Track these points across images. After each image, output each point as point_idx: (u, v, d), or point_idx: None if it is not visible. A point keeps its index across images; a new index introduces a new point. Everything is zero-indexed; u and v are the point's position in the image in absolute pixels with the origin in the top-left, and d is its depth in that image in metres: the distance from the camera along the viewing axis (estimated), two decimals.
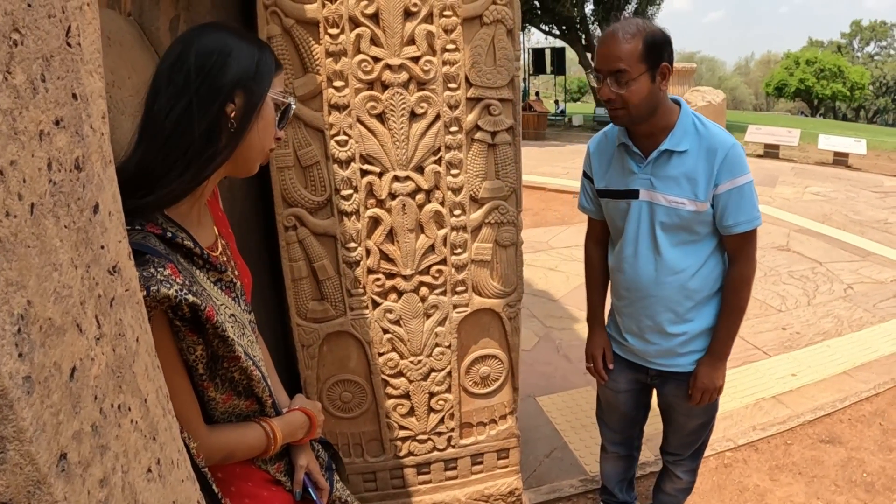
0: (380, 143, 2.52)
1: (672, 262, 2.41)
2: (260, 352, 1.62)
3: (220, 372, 1.40)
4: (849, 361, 5.42)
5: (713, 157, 2.27)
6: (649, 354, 2.59)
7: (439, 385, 2.88)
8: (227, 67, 1.32)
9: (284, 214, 2.56)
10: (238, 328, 1.45)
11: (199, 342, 1.32)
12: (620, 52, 2.15)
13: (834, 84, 52.01)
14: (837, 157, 17.86)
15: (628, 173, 2.41)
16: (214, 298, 1.38)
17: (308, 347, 2.73)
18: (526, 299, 6.45)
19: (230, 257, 1.58)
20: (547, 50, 32.83)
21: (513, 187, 2.71)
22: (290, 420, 1.65)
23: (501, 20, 2.53)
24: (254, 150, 1.42)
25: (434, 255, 2.69)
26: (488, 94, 2.58)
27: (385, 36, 2.43)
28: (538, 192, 12.53)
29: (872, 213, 11.30)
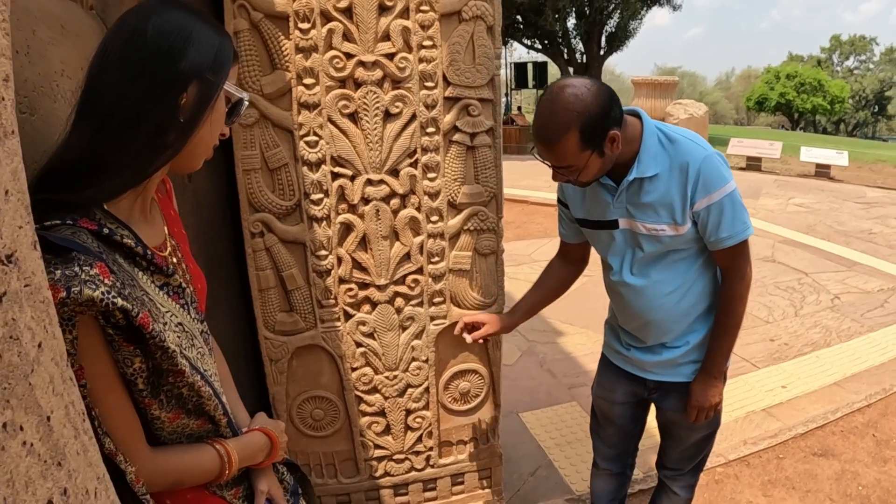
0: (352, 145, 2.40)
1: (662, 285, 2.29)
2: (214, 365, 1.46)
3: (166, 388, 1.25)
4: (839, 372, 5.36)
5: (685, 175, 2.11)
6: (649, 364, 2.46)
7: (416, 402, 2.75)
8: (186, 52, 1.18)
9: (251, 220, 2.42)
10: (186, 338, 1.30)
11: (137, 354, 1.17)
12: (558, 152, 2.02)
13: (814, 98, 52.67)
14: (819, 168, 18.02)
15: (604, 204, 2.27)
16: (158, 304, 1.24)
17: (277, 362, 2.59)
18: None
19: (181, 260, 1.43)
20: (529, 64, 32.93)
21: (493, 192, 2.59)
22: (249, 441, 1.51)
23: (481, 16, 2.42)
24: (201, 146, 1.29)
25: (410, 263, 2.57)
26: (467, 94, 2.46)
27: (358, 31, 2.32)
28: (520, 206, 12.48)
29: (856, 224, 11.34)
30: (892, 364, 5.53)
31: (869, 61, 75.31)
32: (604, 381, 2.67)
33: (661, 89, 19.74)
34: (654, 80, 18.57)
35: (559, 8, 26.59)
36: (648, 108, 18.57)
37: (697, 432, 2.55)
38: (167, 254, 1.35)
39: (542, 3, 26.12)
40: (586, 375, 5.10)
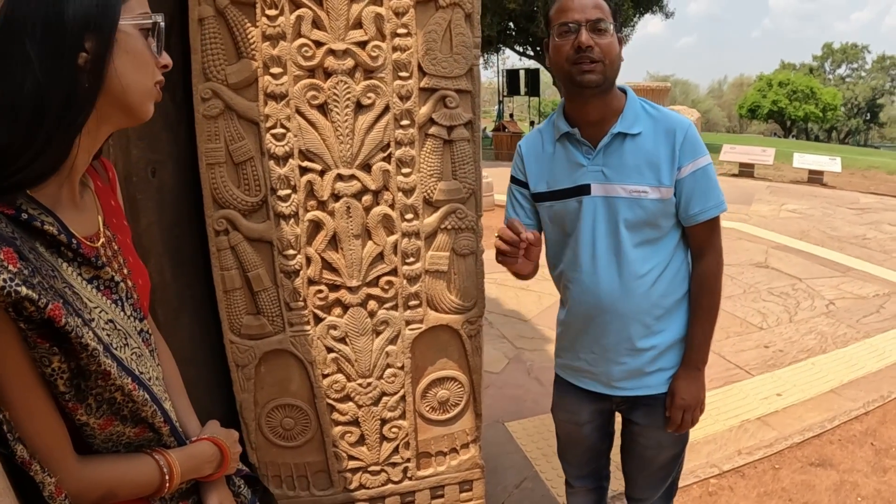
0: (321, 138, 2.30)
1: (637, 265, 2.16)
2: (157, 368, 1.37)
3: (94, 391, 1.15)
4: (835, 379, 5.29)
5: (672, 137, 2.09)
6: (614, 378, 2.30)
7: (392, 410, 2.63)
8: (62, 14, 1.07)
9: (215, 217, 2.32)
10: (118, 337, 1.21)
11: (55, 352, 1.07)
12: (598, 2, 1.99)
13: (806, 105, 53.31)
14: (812, 175, 18.16)
15: (575, 167, 2.15)
16: (85, 299, 1.15)
17: (243, 367, 2.47)
18: (496, 319, 6.36)
19: (117, 253, 1.33)
20: (521, 71, 33.22)
21: (472, 189, 2.49)
22: (194, 452, 1.40)
23: (459, 3, 2.33)
24: (133, 93, 1.18)
25: (383, 264, 2.46)
26: (444, 85, 2.36)
27: (329, 18, 2.23)
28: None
29: (850, 230, 11.41)
30: (889, 370, 5.46)
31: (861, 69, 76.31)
32: (566, 404, 2.51)
33: (652, 95, 19.81)
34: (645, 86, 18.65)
35: None
36: None
37: (666, 450, 2.43)
38: (99, 245, 1.26)
39: (534, 10, 26.33)
40: None
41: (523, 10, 26.39)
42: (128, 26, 1.15)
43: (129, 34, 1.16)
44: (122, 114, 1.20)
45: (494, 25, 26.99)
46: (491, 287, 7.08)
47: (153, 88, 1.23)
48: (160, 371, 1.39)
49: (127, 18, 1.16)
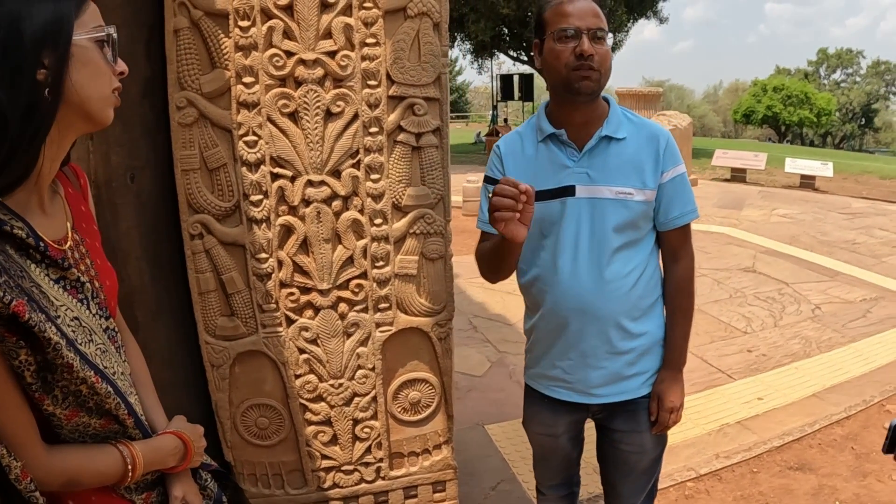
0: (292, 145, 2.36)
1: (619, 266, 2.18)
2: (123, 364, 1.44)
3: (60, 383, 1.22)
4: (818, 383, 5.30)
5: (655, 143, 2.15)
6: (592, 384, 2.27)
7: (364, 411, 2.68)
8: (20, 34, 1.14)
9: (190, 221, 2.38)
10: (83, 333, 1.28)
11: (22, 346, 1.14)
12: (596, 10, 2.02)
13: (801, 111, 53.35)
14: (804, 180, 18.16)
15: (559, 168, 2.15)
16: (52, 297, 1.22)
17: (218, 368, 2.53)
18: (481, 324, 6.39)
19: (85, 255, 1.40)
20: (515, 76, 33.20)
21: (440, 194, 2.54)
22: (158, 445, 1.46)
23: (427, 13, 2.39)
24: (91, 102, 1.26)
25: (353, 267, 2.51)
26: (412, 93, 2.42)
27: (299, 29, 2.30)
28: None
29: (840, 234, 11.40)
30: (874, 375, 5.47)
31: (856, 74, 76.16)
32: (541, 418, 2.46)
33: (645, 100, 19.81)
34: (638, 91, 18.59)
35: None
36: None
37: (649, 454, 2.42)
38: (67, 247, 1.33)
39: (528, 16, 26.35)
40: None
41: (517, 16, 26.40)
42: (82, 40, 1.22)
43: (84, 47, 1.22)
44: (83, 122, 1.27)
45: (488, 31, 27.00)
46: (478, 291, 7.19)
47: (111, 95, 1.30)
48: (126, 367, 1.45)
49: (81, 33, 1.22)
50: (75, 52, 1.21)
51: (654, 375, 2.31)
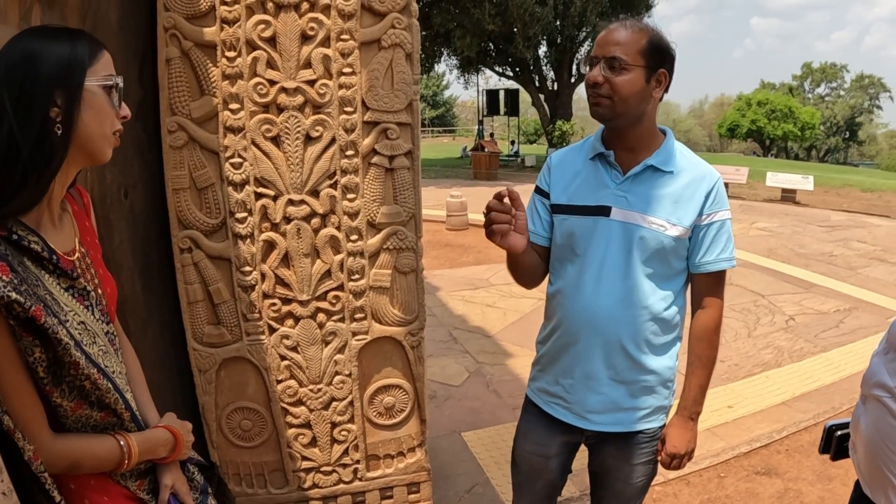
0: (274, 166, 2.51)
1: (639, 295, 2.12)
2: (120, 364, 1.59)
3: (67, 379, 1.38)
4: (788, 392, 5.40)
5: (702, 184, 2.10)
6: (589, 408, 2.22)
7: (341, 415, 2.82)
8: (37, 74, 1.30)
9: (179, 236, 2.53)
10: (88, 336, 1.43)
11: (37, 344, 1.30)
12: (620, 38, 1.98)
13: (785, 124, 53.44)
14: (785, 193, 18.28)
15: (600, 187, 2.13)
16: (62, 304, 1.38)
17: (205, 372, 2.68)
18: (461, 335, 6.47)
19: (90, 266, 1.56)
20: (501, 91, 33.27)
21: (411, 212, 2.69)
22: (150, 437, 1.61)
23: (400, 44, 2.54)
24: (94, 140, 1.42)
25: (331, 280, 2.66)
26: (385, 118, 2.57)
27: (281, 59, 2.45)
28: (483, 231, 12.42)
29: (818, 247, 11.50)
30: (843, 383, 5.58)
31: (840, 88, 76.23)
32: (535, 435, 2.39)
33: None
34: None
35: (530, 36, 26.82)
36: None
37: (635, 483, 2.35)
38: (75, 259, 1.48)
39: (514, 32, 26.37)
40: None
41: (502, 32, 26.33)
42: (93, 86, 1.38)
43: (93, 92, 1.38)
44: (84, 157, 1.43)
45: (474, 46, 26.93)
46: (458, 304, 7.33)
47: (112, 136, 1.46)
48: (123, 367, 1.61)
49: (92, 80, 1.38)
50: (85, 97, 1.36)
51: (652, 413, 2.24)
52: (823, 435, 1.95)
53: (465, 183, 20.84)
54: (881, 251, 11.31)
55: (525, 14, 25.06)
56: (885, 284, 8.95)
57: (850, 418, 1.90)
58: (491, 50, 29.82)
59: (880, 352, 1.66)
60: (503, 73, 32.27)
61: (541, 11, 25.40)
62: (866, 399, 1.69)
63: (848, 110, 71.81)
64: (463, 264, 9.45)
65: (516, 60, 29.51)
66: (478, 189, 18.98)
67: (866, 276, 9.37)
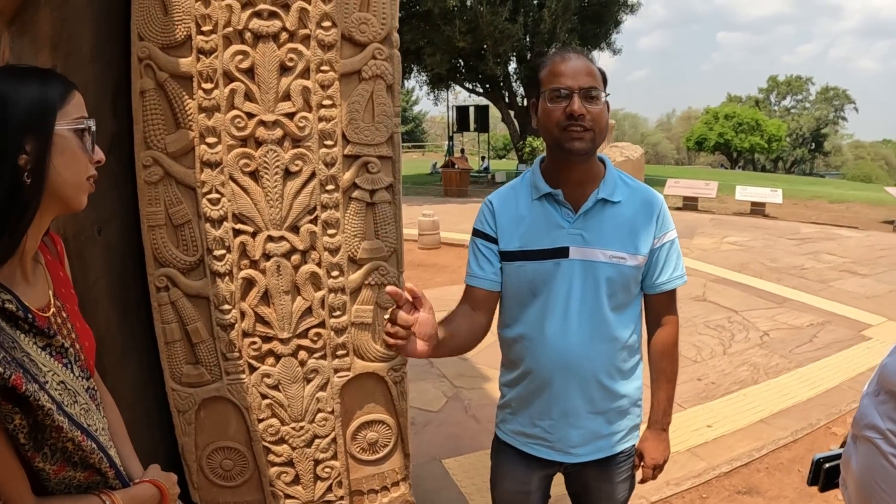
0: (253, 202, 2.46)
1: (607, 329, 2.15)
2: (102, 420, 1.53)
3: (49, 442, 1.32)
4: (766, 409, 5.44)
5: (650, 208, 2.15)
6: (571, 443, 2.24)
7: (324, 452, 2.77)
8: (5, 120, 1.23)
9: (156, 275, 2.47)
10: (68, 395, 1.37)
11: (16, 411, 1.23)
12: (586, 67, 2.01)
13: (752, 137, 54.39)
14: (755, 206, 18.51)
15: (553, 228, 2.12)
16: (40, 364, 1.31)
17: (184, 413, 2.61)
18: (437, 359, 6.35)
19: (66, 320, 1.49)
20: (471, 107, 33.46)
21: (393, 247, 2.65)
22: (136, 493, 1.55)
23: (381, 75, 2.51)
24: (67, 189, 1.35)
25: (312, 317, 2.61)
26: (366, 152, 2.53)
27: (260, 91, 2.40)
28: (457, 250, 12.41)
29: (789, 260, 11.64)
30: (819, 399, 5.64)
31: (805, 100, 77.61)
32: (515, 474, 2.38)
33: None
34: None
35: (500, 53, 27.10)
36: None
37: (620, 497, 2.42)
38: (50, 314, 1.41)
39: (484, 49, 26.57)
40: None
41: (472, 49, 26.57)
42: (64, 130, 1.31)
43: (64, 137, 1.31)
44: (58, 205, 1.35)
45: (444, 63, 27.15)
46: None
47: (85, 183, 1.39)
48: (105, 422, 1.55)
49: (63, 123, 1.31)
50: (56, 141, 1.29)
51: (628, 433, 2.30)
52: (812, 467, 1.98)
53: (436, 200, 20.83)
54: (852, 263, 11.46)
55: (495, 31, 25.30)
56: (858, 297, 9.06)
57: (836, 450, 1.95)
58: (461, 66, 30.09)
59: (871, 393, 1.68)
60: (473, 90, 32.53)
61: (511, 28, 25.68)
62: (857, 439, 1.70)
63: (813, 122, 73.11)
64: (437, 284, 9.37)
65: (486, 77, 29.76)
66: (449, 206, 19.01)
67: (838, 289, 9.48)
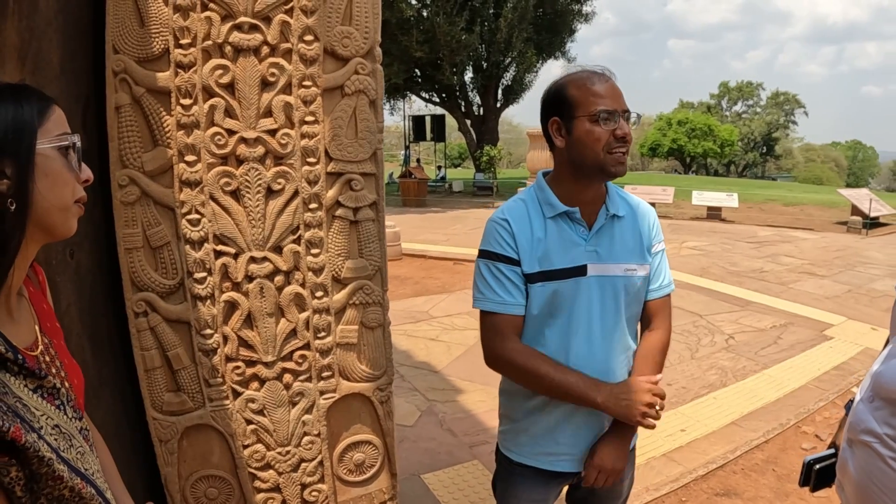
0: (234, 222, 2.39)
1: (626, 337, 2.21)
2: (96, 461, 1.44)
3: (45, 491, 1.22)
4: (737, 411, 5.54)
5: (647, 219, 2.24)
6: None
7: (311, 475, 2.70)
8: None
9: (134, 299, 2.38)
10: (64, 440, 1.28)
11: (13, 463, 1.14)
12: (620, 89, 2.06)
13: (705, 142, 55.43)
14: (711, 211, 18.80)
15: (571, 247, 2.13)
16: (32, 408, 1.21)
17: (166, 443, 2.52)
18: (407, 372, 6.38)
19: (54, 357, 1.39)
20: (427, 117, 33.58)
21: (377, 266, 2.61)
22: None
23: (364, 91, 2.47)
24: (53, 214, 1.23)
25: (296, 339, 2.55)
26: (350, 169, 2.49)
27: (240, 107, 2.34)
28: (419, 260, 12.49)
29: (749, 264, 11.87)
30: (787, 399, 5.78)
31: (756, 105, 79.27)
32: (531, 493, 2.36)
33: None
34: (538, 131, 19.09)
35: (457, 62, 27.34)
36: (543, 160, 19.04)
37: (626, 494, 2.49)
38: (38, 353, 1.32)
39: (440, 58, 26.70)
40: (487, 433, 5.08)
41: (429, 59, 26.78)
42: (46, 149, 1.20)
43: (47, 156, 1.20)
44: (43, 233, 1.24)
45: (401, 73, 27.24)
46: (401, 339, 7.23)
47: (74, 206, 1.28)
48: (98, 464, 1.45)
49: (44, 142, 1.20)
50: (38, 162, 1.18)
51: None
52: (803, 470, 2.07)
53: (395, 211, 20.79)
54: (809, 265, 11.73)
55: (452, 41, 25.51)
56: (817, 298, 9.29)
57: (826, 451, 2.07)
58: (417, 76, 30.24)
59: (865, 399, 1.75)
60: (429, 100, 32.69)
61: (467, 38, 25.90)
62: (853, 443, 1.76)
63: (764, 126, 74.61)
64: (401, 297, 9.33)
65: (443, 86, 30.01)
66: (409, 217, 19.01)
67: (798, 291, 9.70)
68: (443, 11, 25.51)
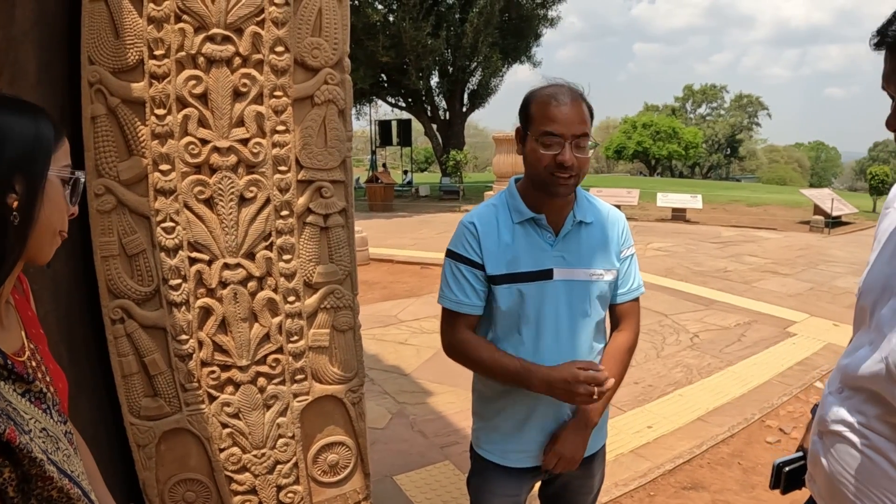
0: (208, 230, 2.44)
1: (592, 338, 2.25)
2: (80, 464, 1.48)
3: (35, 492, 1.26)
4: (702, 407, 5.62)
5: (616, 227, 2.27)
6: None
7: (286, 477, 2.75)
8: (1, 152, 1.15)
9: (111, 307, 2.41)
10: (51, 442, 1.32)
11: (6, 465, 1.19)
12: (583, 116, 2.03)
13: (669, 144, 55.89)
14: (676, 212, 19.00)
15: (537, 251, 2.18)
16: (21, 412, 1.25)
17: (144, 447, 2.56)
18: (377, 375, 6.40)
19: (40, 363, 1.43)
20: (393, 122, 33.50)
21: (347, 271, 2.67)
22: None
23: (333, 100, 2.53)
24: (43, 237, 1.26)
25: (270, 343, 2.60)
26: (320, 177, 2.55)
27: (213, 117, 2.39)
28: (387, 265, 12.46)
29: (713, 263, 12.01)
30: (752, 394, 5.89)
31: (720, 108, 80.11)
32: (505, 489, 2.40)
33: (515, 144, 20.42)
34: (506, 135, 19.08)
35: (423, 67, 27.38)
36: (509, 164, 19.02)
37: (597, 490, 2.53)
38: (25, 358, 1.35)
39: (406, 63, 26.72)
40: (458, 434, 5.12)
41: (395, 64, 26.78)
42: (53, 176, 1.23)
43: (52, 183, 1.23)
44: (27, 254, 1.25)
45: (367, 78, 27.19)
46: (370, 343, 7.27)
47: (58, 236, 1.30)
48: (82, 466, 1.49)
49: (54, 169, 1.24)
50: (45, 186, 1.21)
51: (602, 427, 2.40)
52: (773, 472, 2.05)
53: (362, 216, 20.72)
54: (772, 264, 11.91)
55: (418, 46, 25.56)
56: (780, 296, 9.43)
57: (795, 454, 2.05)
58: (384, 81, 30.22)
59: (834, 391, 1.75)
60: (395, 104, 32.71)
61: (433, 43, 25.92)
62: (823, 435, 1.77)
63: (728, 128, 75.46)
64: (369, 301, 9.31)
65: (409, 91, 30.03)
66: (376, 222, 18.96)
67: (762, 289, 9.85)
68: (409, 16, 25.59)
